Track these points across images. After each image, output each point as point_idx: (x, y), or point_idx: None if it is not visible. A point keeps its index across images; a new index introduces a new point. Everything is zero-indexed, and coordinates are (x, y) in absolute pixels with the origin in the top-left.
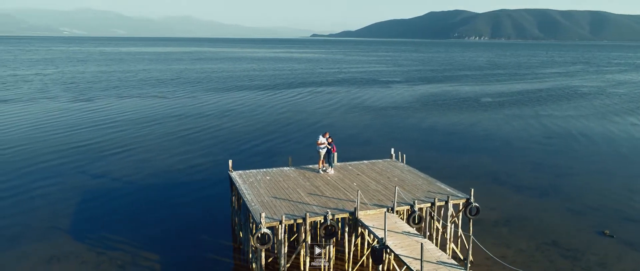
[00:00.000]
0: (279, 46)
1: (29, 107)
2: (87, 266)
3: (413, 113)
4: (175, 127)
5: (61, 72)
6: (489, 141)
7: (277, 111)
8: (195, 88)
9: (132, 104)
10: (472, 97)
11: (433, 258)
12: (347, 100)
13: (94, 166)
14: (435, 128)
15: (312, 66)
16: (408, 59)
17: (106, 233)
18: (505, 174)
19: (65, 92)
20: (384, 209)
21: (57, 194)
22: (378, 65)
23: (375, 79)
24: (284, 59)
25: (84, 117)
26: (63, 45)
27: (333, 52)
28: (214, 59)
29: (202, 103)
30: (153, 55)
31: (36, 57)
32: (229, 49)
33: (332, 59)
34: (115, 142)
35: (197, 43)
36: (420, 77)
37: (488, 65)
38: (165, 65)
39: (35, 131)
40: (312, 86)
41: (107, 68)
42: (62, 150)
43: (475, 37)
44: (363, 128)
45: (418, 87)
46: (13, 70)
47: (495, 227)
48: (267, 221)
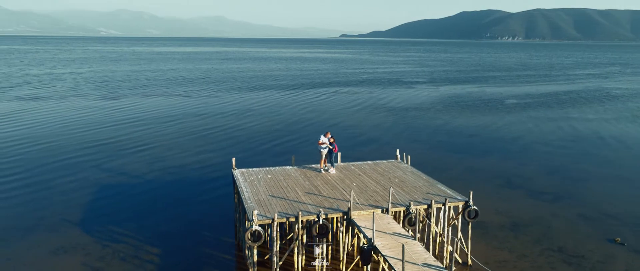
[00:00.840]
0: (306, 46)
1: (60, 104)
2: (91, 258)
3: (433, 114)
4: (194, 126)
5: (94, 71)
6: (507, 144)
7: (297, 111)
8: (220, 88)
9: (157, 103)
10: (497, 99)
11: (419, 260)
12: (367, 100)
13: (111, 162)
14: (453, 130)
15: (337, 66)
16: (436, 59)
17: (113, 227)
18: (519, 178)
19: (96, 91)
20: (377, 210)
21: (73, 188)
22: (404, 65)
23: (399, 80)
24: (310, 59)
25: (109, 115)
26: (99, 45)
27: (360, 53)
28: (241, 59)
29: (224, 103)
30: (183, 55)
31: (72, 57)
32: (257, 49)
33: (358, 59)
34: (135, 140)
35: (227, 43)
36: (445, 78)
37: (518, 66)
38: (194, 64)
39: (62, 128)
40: (335, 86)
41: (137, 68)
42: (84, 146)
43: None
44: (379, 129)
45: (442, 88)
46: (50, 69)
47: (500, 231)
48: (260, 219)
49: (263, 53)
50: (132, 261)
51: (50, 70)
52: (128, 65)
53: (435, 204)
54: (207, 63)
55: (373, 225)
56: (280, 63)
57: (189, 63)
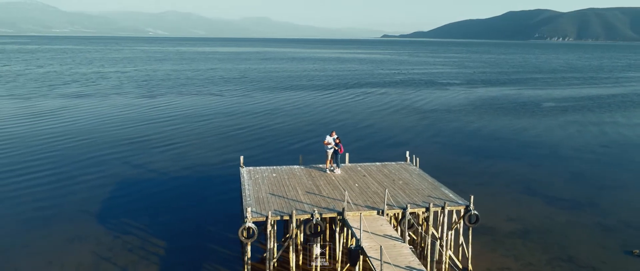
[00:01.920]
0: (346, 47)
1: (101, 102)
2: (101, 248)
3: (462, 116)
4: (222, 125)
5: (138, 70)
6: (535, 148)
7: (326, 112)
8: (254, 87)
9: (191, 101)
10: (534, 102)
11: (402, 263)
12: (397, 102)
13: (137, 159)
14: (480, 133)
15: (372, 67)
16: (477, 60)
17: (127, 219)
18: (539, 183)
19: (136, 89)
20: (373, 211)
21: (97, 182)
22: (442, 67)
23: (433, 81)
24: (348, 60)
25: (144, 113)
26: (146, 45)
27: (399, 53)
28: (279, 59)
29: (256, 102)
30: (224, 54)
31: (120, 56)
32: (296, 49)
33: (396, 60)
34: (164, 137)
35: (268, 43)
36: (484, 79)
37: (564, 68)
38: (233, 64)
39: (99, 124)
40: (367, 87)
41: (178, 67)
42: (116, 143)
43: (558, 38)
44: (403, 131)
45: (477, 90)
46: (98, 67)
47: (509, 238)
48: (255, 216)
49: (302, 53)
50: (139, 253)
51: (98, 69)
52: (170, 64)
53: (434, 207)
54: (246, 63)
55: (360, 225)
56: (317, 63)
57: (229, 63)
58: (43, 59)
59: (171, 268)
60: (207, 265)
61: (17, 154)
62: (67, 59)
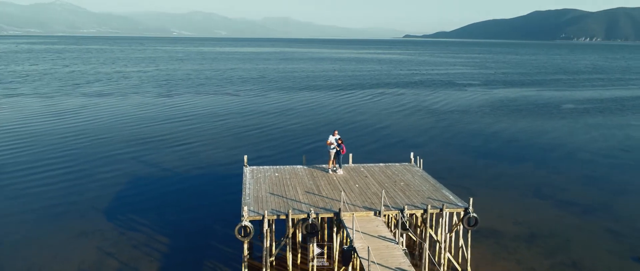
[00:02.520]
0: (366, 47)
1: (120, 101)
2: (106, 243)
3: (477, 118)
4: (235, 124)
5: (159, 70)
6: (549, 151)
7: (339, 112)
8: (271, 87)
9: (207, 101)
10: (553, 103)
11: (392, 265)
12: (412, 102)
13: (149, 157)
14: (493, 135)
15: (391, 68)
16: (499, 61)
17: (134, 216)
18: (551, 187)
19: (155, 88)
20: (370, 212)
21: (109, 179)
22: (462, 67)
23: (451, 82)
24: (367, 60)
25: (160, 112)
26: (169, 45)
27: (419, 54)
28: (299, 59)
29: (270, 102)
30: (244, 55)
31: (142, 56)
32: (317, 50)
33: (415, 61)
34: (177, 136)
35: (289, 43)
36: (503, 80)
37: (588, 69)
38: (252, 64)
39: (115, 123)
40: (383, 88)
41: (199, 67)
42: (130, 141)
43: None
44: (414, 132)
45: (496, 91)
46: (120, 67)
47: (513, 241)
48: (252, 215)
49: (321, 53)
50: (142, 249)
51: (121, 68)
52: (191, 64)
53: (432, 209)
54: (265, 63)
55: (353, 226)
56: (336, 64)
57: (248, 63)
58: (69, 59)
59: (172, 265)
60: (209, 262)
61: (36, 151)
62: (91, 59)
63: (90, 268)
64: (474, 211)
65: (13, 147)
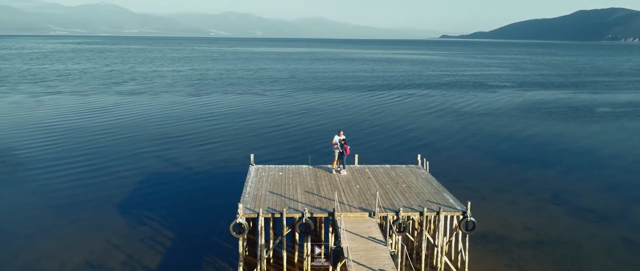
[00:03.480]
0: (400, 47)
1: (151, 99)
2: (115, 236)
3: (502, 120)
4: (258, 124)
5: (193, 69)
6: (574, 155)
7: (362, 112)
8: (299, 87)
9: (234, 100)
10: (588, 106)
11: (376, 266)
12: (439, 104)
13: (170, 154)
14: (516, 137)
15: (423, 68)
16: (537, 62)
17: (146, 211)
18: (569, 193)
19: (187, 88)
20: (365, 213)
21: (127, 175)
22: (497, 68)
23: (483, 83)
24: (399, 61)
25: (187, 111)
26: (205, 45)
27: (454, 54)
28: (330, 59)
29: (296, 102)
30: (277, 55)
31: (179, 56)
32: (349, 50)
33: (449, 62)
34: (199, 135)
35: (323, 44)
36: (538, 82)
37: (633, 71)
38: (284, 64)
39: (143, 121)
40: (412, 88)
41: (231, 67)
42: (154, 139)
43: (634, 39)
44: (435, 134)
45: (528, 93)
46: (157, 67)
47: (520, 248)
48: (247, 213)
49: (354, 54)
50: (147, 242)
51: (156, 68)
52: (224, 64)
53: (428, 212)
54: (297, 63)
55: (341, 226)
56: (367, 64)
57: (280, 63)
58: (109, 58)
59: (175, 259)
60: (209, 258)
61: (64, 147)
62: (130, 58)
63: (96, 259)
64: (471, 215)
65: (44, 142)
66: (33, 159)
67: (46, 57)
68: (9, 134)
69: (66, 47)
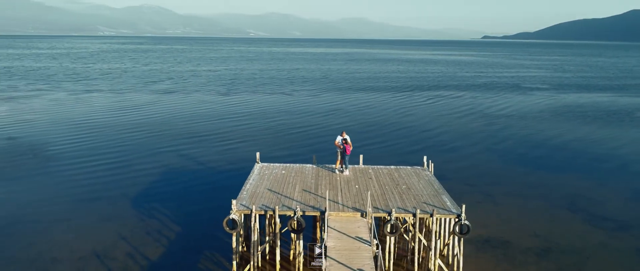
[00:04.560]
0: (438, 48)
1: (183, 98)
2: (124, 228)
3: (532, 123)
4: (283, 123)
5: (228, 69)
6: (602, 161)
7: (387, 113)
8: (329, 88)
9: (262, 100)
10: (627, 110)
11: (355, 266)
12: (467, 106)
13: (191, 152)
14: (545, 142)
15: (457, 69)
16: (581, 64)
17: (157, 205)
18: (588, 200)
19: (219, 87)
20: (357, 213)
21: (146, 171)
22: (536, 70)
23: (518, 85)
24: (435, 62)
25: (215, 110)
26: (243, 45)
27: (494, 55)
28: (366, 60)
29: (322, 103)
30: (313, 55)
31: (217, 56)
32: (387, 51)
33: (487, 62)
34: (223, 134)
35: (360, 44)
36: (579, 84)
37: None
38: (318, 65)
39: (171, 119)
40: (443, 90)
41: (265, 67)
42: (179, 136)
43: None
44: (457, 136)
45: (565, 96)
46: (194, 66)
47: (523, 255)
48: (240, 209)
49: (391, 54)
50: (153, 235)
51: (193, 67)
52: (259, 64)
53: (421, 214)
54: (331, 64)
55: (326, 225)
56: (402, 65)
57: (314, 63)
58: (150, 58)
59: (174, 251)
60: (208, 252)
61: (93, 143)
62: (169, 58)
63: (103, 248)
64: (466, 218)
65: (75, 138)
66: (62, 154)
67: (92, 56)
68: (45, 130)
69: (111, 47)
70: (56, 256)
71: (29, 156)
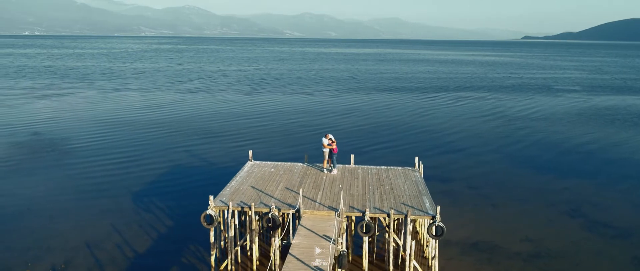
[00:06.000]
0: (473, 49)
1: (207, 97)
2: (121, 221)
3: (555, 126)
4: (296, 122)
5: (258, 69)
6: (620, 166)
7: (408, 114)
8: (353, 88)
9: (284, 100)
10: None
11: (312, 263)
12: (492, 108)
13: (203, 149)
14: (564, 145)
15: (487, 70)
16: (622, 65)
17: (156, 200)
18: (593, 206)
19: (245, 87)
20: (331, 212)
21: (154, 167)
22: (573, 71)
23: (549, 86)
24: (466, 62)
25: (236, 109)
26: (277, 45)
27: (531, 56)
28: (397, 61)
29: (341, 103)
30: (345, 56)
31: (249, 56)
32: (419, 51)
33: (520, 63)
34: (239, 132)
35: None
36: (615, 86)
37: None
38: (347, 65)
39: (191, 117)
40: (468, 91)
41: (295, 67)
42: (194, 134)
43: None
44: (472, 139)
45: (597, 98)
46: (225, 66)
47: (509, 259)
48: (218, 205)
49: (422, 55)
50: (145, 228)
51: (224, 67)
52: (289, 64)
53: (396, 214)
54: (361, 64)
55: (294, 224)
56: (432, 66)
57: (344, 64)
58: (185, 58)
59: (160, 244)
60: (193, 246)
61: (110, 139)
62: (203, 58)
63: (96, 240)
64: (440, 220)
65: (94, 134)
66: (78, 149)
67: (130, 56)
68: (68, 126)
69: (150, 47)
70: (51, 245)
71: (48, 150)
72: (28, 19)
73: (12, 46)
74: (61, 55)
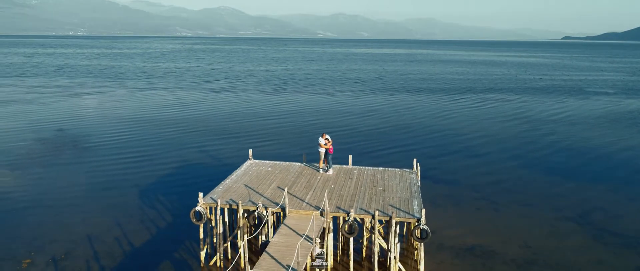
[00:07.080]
0: (508, 49)
1: (230, 97)
2: (123, 215)
3: (580, 130)
4: (315, 122)
5: (286, 69)
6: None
7: (429, 116)
8: (378, 88)
9: (305, 100)
10: None
11: (284, 261)
12: (515, 110)
13: (216, 148)
14: (583, 149)
15: (519, 71)
16: None
17: (160, 196)
18: (604, 213)
19: (269, 87)
20: (317, 211)
21: (164, 164)
22: (611, 73)
23: (580, 88)
24: (497, 63)
25: (257, 108)
26: (308, 46)
27: (569, 57)
28: (427, 61)
29: (362, 103)
30: (375, 56)
31: (279, 56)
32: (451, 52)
33: (555, 64)
34: (256, 132)
35: (426, 45)
36: None
37: None
38: (376, 65)
39: (210, 116)
40: (494, 93)
41: (322, 67)
42: (210, 133)
43: None
44: (490, 141)
45: (630, 101)
46: (253, 66)
47: (503, 265)
48: (207, 202)
49: (453, 56)
50: (146, 223)
51: (253, 67)
52: (317, 64)
53: (380, 216)
54: (389, 64)
55: (274, 223)
56: (462, 66)
57: (373, 64)
58: (216, 57)
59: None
60: (188, 242)
61: (129, 137)
62: (233, 58)
63: (98, 233)
64: (425, 223)
65: (115, 132)
66: (98, 146)
67: (163, 56)
68: (92, 124)
69: (184, 47)
70: (55, 236)
71: (69, 146)
72: (72, 20)
73: (56, 46)
74: (99, 55)
